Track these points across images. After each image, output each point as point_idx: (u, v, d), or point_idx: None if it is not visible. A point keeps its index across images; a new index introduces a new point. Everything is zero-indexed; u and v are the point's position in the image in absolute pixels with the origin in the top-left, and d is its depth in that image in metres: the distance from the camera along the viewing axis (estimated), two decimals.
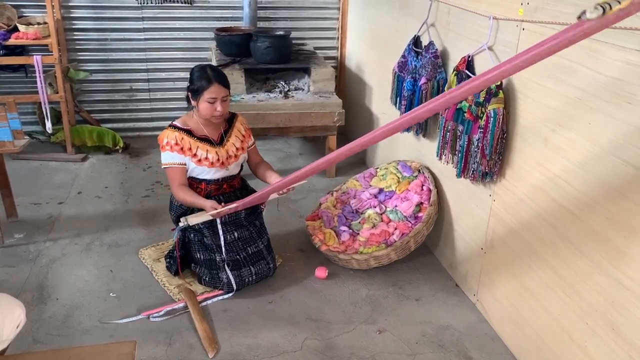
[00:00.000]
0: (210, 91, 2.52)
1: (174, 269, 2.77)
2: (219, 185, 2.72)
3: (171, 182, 2.63)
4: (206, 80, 2.53)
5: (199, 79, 2.55)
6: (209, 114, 2.57)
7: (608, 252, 1.75)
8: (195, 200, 2.58)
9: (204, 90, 2.53)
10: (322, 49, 4.68)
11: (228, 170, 2.71)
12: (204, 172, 2.65)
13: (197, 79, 2.56)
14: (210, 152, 2.64)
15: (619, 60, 1.65)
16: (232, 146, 2.72)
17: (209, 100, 2.53)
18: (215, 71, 2.60)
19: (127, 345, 1.61)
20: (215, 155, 2.65)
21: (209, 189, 2.69)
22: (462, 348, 2.36)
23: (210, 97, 2.53)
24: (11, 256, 2.90)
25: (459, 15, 2.60)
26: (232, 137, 2.73)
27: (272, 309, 2.58)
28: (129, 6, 4.32)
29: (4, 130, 2.88)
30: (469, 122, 2.39)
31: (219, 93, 2.54)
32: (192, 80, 2.58)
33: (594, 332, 1.82)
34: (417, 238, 2.79)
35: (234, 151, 2.72)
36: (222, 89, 2.55)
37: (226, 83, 2.59)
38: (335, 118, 3.80)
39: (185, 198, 2.59)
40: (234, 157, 2.72)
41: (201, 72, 2.57)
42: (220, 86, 2.54)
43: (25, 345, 2.27)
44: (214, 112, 2.56)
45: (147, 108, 4.68)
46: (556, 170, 1.98)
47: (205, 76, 2.54)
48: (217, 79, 2.54)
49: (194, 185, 2.68)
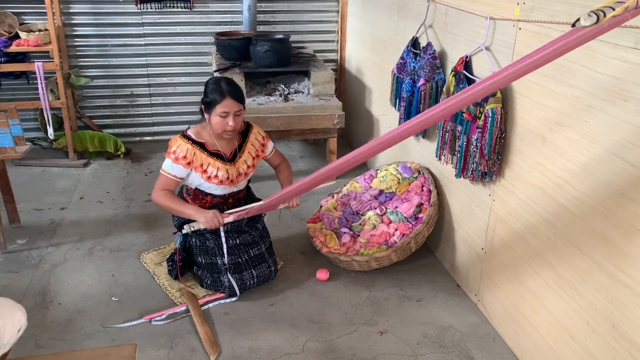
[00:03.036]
0: (223, 105, 2.45)
1: (174, 272, 2.77)
2: (224, 199, 2.69)
3: (157, 185, 2.58)
4: (219, 93, 2.46)
5: (213, 92, 2.48)
6: (220, 128, 2.49)
7: (608, 251, 1.75)
8: (183, 210, 2.53)
9: (216, 104, 2.45)
10: (321, 52, 4.70)
11: (236, 187, 2.70)
12: (211, 188, 2.61)
13: (211, 91, 2.48)
14: (221, 170, 2.57)
15: (615, 58, 1.66)
16: (244, 164, 2.65)
17: (221, 114, 2.46)
18: (230, 85, 2.51)
19: (128, 349, 1.62)
20: (226, 173, 2.58)
21: (214, 201, 2.66)
22: (463, 348, 2.36)
23: (223, 112, 2.45)
24: (14, 262, 2.92)
25: (456, 16, 2.61)
26: (244, 154, 2.66)
27: (274, 311, 2.59)
28: (129, 12, 4.34)
29: (5, 137, 2.90)
30: (467, 122, 2.39)
31: (232, 108, 2.46)
32: (206, 93, 2.51)
33: (595, 330, 1.82)
34: (418, 239, 2.79)
35: (245, 169, 2.66)
36: (235, 103, 2.47)
37: (240, 97, 2.51)
38: (335, 120, 3.81)
39: (168, 204, 2.53)
40: (244, 175, 2.67)
41: (215, 85, 2.50)
42: (233, 100, 2.46)
43: (28, 350, 2.28)
44: (225, 127, 2.48)
45: (148, 113, 4.70)
46: (555, 169, 1.99)
47: (219, 89, 2.46)
48: (231, 93, 2.46)
49: (199, 197, 2.64)
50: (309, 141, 4.62)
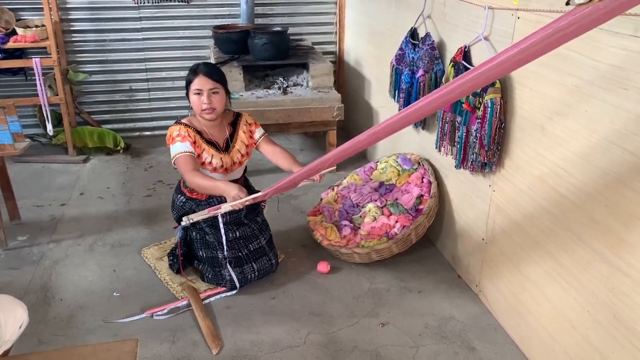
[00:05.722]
0: (195, 83, 2.51)
1: (176, 267, 2.77)
2: None
3: (184, 170, 2.48)
4: (193, 72, 2.53)
5: (189, 73, 2.56)
6: (197, 108, 2.53)
7: (608, 240, 1.75)
8: (216, 185, 2.44)
9: (191, 82, 2.52)
10: (320, 44, 4.68)
11: (230, 175, 2.69)
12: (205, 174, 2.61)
13: (189, 73, 2.56)
14: (215, 158, 2.59)
15: (614, 46, 1.65)
16: (237, 153, 2.67)
17: (195, 91, 2.51)
18: (205, 65, 2.57)
19: (129, 344, 1.62)
20: (220, 161, 2.60)
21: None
22: (465, 339, 2.36)
23: (196, 89, 2.50)
24: (15, 258, 2.92)
25: (455, 6, 2.59)
26: (237, 143, 2.68)
27: (275, 304, 2.59)
28: (126, 6, 4.32)
29: (4, 133, 2.90)
30: (466, 112, 2.38)
31: (205, 85, 2.50)
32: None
33: (595, 319, 1.82)
34: (418, 230, 2.79)
35: (239, 158, 2.68)
36: (208, 80, 2.50)
37: (215, 75, 2.53)
38: (334, 113, 3.80)
39: (202, 183, 2.44)
40: (239, 163, 2.69)
41: (193, 66, 2.58)
42: (205, 77, 2.50)
43: (30, 346, 2.29)
44: (201, 105, 2.51)
45: (147, 108, 4.69)
46: (555, 159, 1.98)
47: (194, 69, 2.54)
48: (204, 71, 2.51)
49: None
50: (309, 134, 4.61)
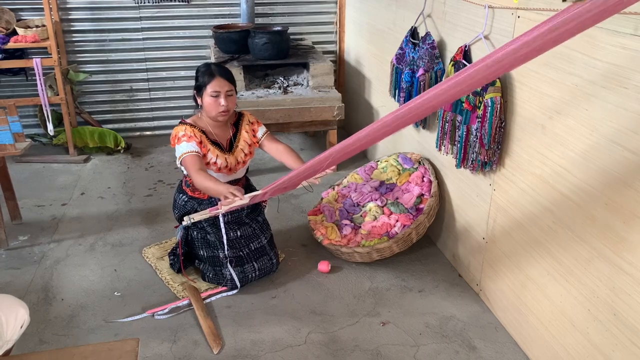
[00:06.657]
0: (213, 85, 2.51)
1: (176, 266, 2.78)
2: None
3: (190, 170, 2.46)
4: (209, 74, 2.53)
5: (203, 74, 2.55)
6: (213, 109, 2.53)
7: (608, 239, 1.75)
8: (217, 187, 2.39)
9: (207, 85, 2.52)
10: (320, 44, 4.68)
11: (234, 175, 2.70)
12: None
13: (201, 75, 2.55)
14: (220, 158, 2.60)
15: (614, 45, 1.65)
16: (241, 152, 2.68)
17: (212, 94, 2.51)
18: (219, 66, 2.60)
19: (130, 343, 1.63)
20: (225, 161, 2.61)
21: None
22: (465, 338, 2.37)
23: (214, 91, 2.51)
24: (16, 258, 2.92)
25: (455, 5, 2.59)
26: (240, 143, 2.69)
27: (276, 304, 2.59)
28: (126, 6, 4.33)
29: (4, 134, 2.90)
30: (467, 112, 2.38)
31: (222, 87, 2.52)
32: (197, 78, 2.58)
33: (596, 318, 1.82)
34: (419, 229, 2.79)
35: (243, 157, 2.69)
36: (225, 82, 2.53)
37: (230, 78, 2.58)
38: (335, 112, 3.80)
39: (208, 185, 2.40)
40: (242, 163, 2.70)
41: (205, 67, 2.58)
42: (223, 80, 2.53)
43: (32, 346, 2.29)
44: (218, 107, 2.52)
45: (147, 108, 4.69)
46: (555, 158, 1.98)
47: (209, 71, 2.54)
48: (220, 73, 2.54)
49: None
50: (309, 134, 4.61)
